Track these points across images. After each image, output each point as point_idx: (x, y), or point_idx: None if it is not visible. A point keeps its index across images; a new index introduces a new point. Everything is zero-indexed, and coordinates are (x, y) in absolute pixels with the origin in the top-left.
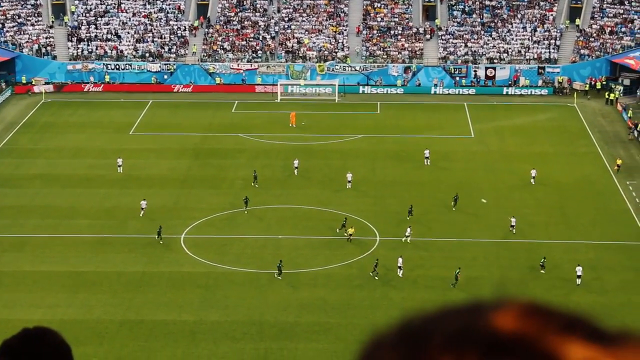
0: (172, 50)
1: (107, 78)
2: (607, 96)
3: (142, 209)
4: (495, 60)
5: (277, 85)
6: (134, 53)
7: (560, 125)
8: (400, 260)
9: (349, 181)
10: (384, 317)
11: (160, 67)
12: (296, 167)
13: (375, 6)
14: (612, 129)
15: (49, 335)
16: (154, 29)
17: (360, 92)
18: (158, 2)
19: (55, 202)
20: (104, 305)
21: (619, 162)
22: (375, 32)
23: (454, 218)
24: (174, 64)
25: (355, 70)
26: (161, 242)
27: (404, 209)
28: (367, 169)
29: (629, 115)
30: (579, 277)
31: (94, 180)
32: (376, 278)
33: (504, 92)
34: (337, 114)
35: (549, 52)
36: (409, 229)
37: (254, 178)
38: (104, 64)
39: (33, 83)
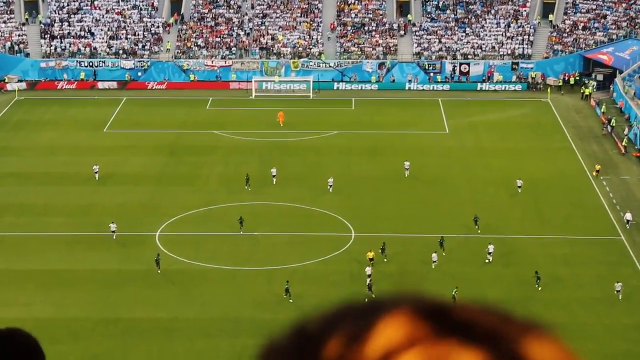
0: (145, 47)
1: (82, 75)
2: (581, 91)
3: (113, 231)
4: (470, 56)
5: (251, 81)
6: (108, 50)
7: (534, 121)
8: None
9: (330, 186)
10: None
11: (134, 64)
12: (274, 176)
13: (349, 2)
14: (585, 124)
15: (19, 336)
16: (128, 26)
17: (335, 88)
18: None
19: (29, 200)
20: (79, 304)
21: (597, 167)
22: (349, 28)
23: (428, 214)
24: (148, 61)
25: (330, 66)
26: (159, 272)
27: (379, 205)
28: (342, 165)
29: (602, 110)
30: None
31: (68, 178)
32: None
33: (478, 88)
34: (312, 110)
35: (523, 47)
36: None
37: (246, 181)
38: (77, 61)
39: (6, 81)
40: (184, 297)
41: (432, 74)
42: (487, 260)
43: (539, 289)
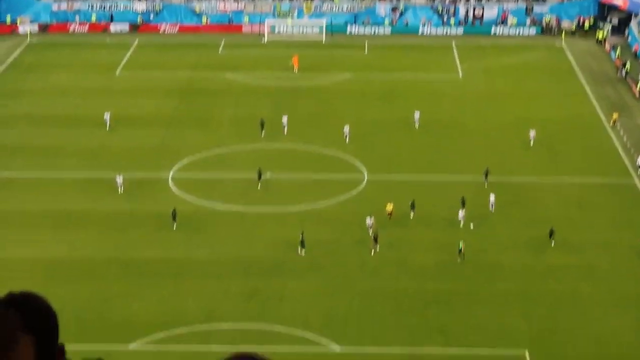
0: None
1: (94, 18)
2: (596, 35)
3: (120, 185)
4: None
5: (264, 24)
6: None
7: (548, 65)
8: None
9: (347, 135)
10: (373, 255)
11: (146, 6)
12: (284, 125)
13: None
14: (599, 68)
15: (33, 299)
16: None
17: (348, 31)
18: None
19: (42, 142)
20: (92, 244)
21: (615, 116)
22: None
23: (442, 157)
24: (160, 4)
25: (343, 9)
26: (174, 228)
27: (392, 149)
28: (355, 109)
29: (617, 54)
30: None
31: (81, 120)
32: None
33: (492, 32)
34: (325, 53)
35: None
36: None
37: (261, 127)
38: (89, 4)
39: (18, 23)
40: (195, 238)
41: (445, 18)
42: (490, 209)
43: (552, 244)
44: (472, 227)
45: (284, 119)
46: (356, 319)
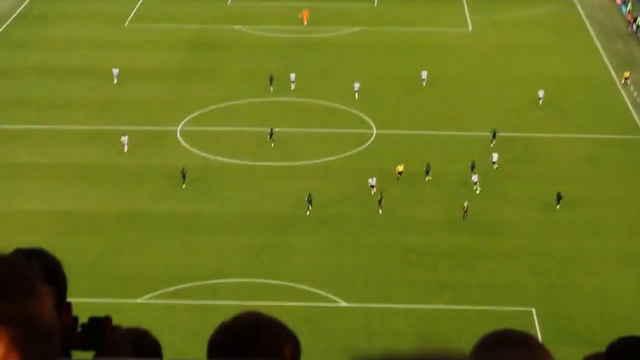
0: None
1: None
2: None
3: (125, 144)
4: None
5: None
6: None
7: (559, 19)
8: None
9: (357, 91)
10: (381, 210)
11: None
12: (293, 82)
13: None
14: (611, 22)
15: (45, 254)
16: None
17: None
18: None
19: (51, 94)
20: (100, 197)
21: (626, 75)
22: None
23: (451, 111)
24: None
25: None
26: (184, 186)
27: (401, 103)
28: (364, 63)
29: (628, 9)
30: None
31: (89, 72)
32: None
33: None
34: (334, 5)
35: None
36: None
37: (270, 81)
38: None
39: None
40: (204, 192)
41: None
42: (494, 167)
43: (557, 207)
44: (478, 191)
45: (292, 76)
46: (364, 274)
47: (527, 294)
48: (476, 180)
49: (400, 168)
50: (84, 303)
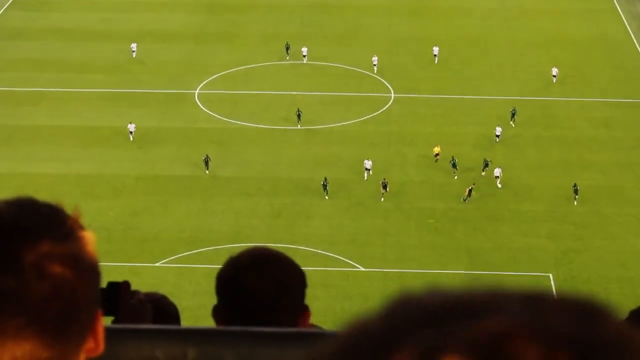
0: None
1: None
2: None
3: (131, 132)
4: None
5: None
6: None
7: None
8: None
9: (375, 64)
10: (399, 174)
11: None
12: (304, 55)
13: None
14: None
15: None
16: None
17: None
18: None
19: (69, 56)
20: (119, 160)
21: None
22: None
23: (469, 74)
24: None
25: None
26: (207, 172)
27: (419, 66)
28: (383, 26)
29: None
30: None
31: (108, 34)
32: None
33: None
34: None
35: None
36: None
37: (286, 50)
38: None
39: None
40: (222, 155)
41: None
42: (496, 140)
43: (575, 202)
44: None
45: (304, 50)
46: (380, 239)
47: (545, 258)
48: (498, 174)
49: (437, 149)
50: (103, 267)
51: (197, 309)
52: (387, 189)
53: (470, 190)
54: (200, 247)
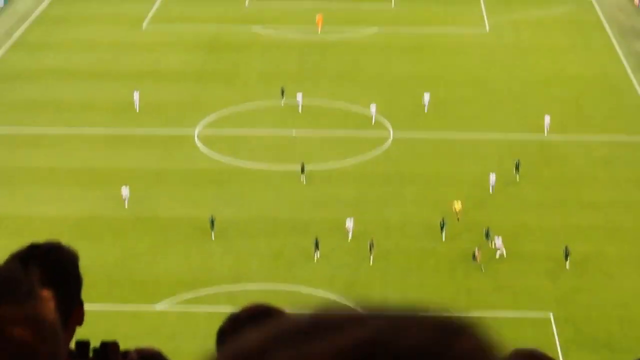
0: None
1: None
2: None
3: (124, 198)
4: None
5: None
6: None
7: (577, 19)
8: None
9: (373, 116)
10: (398, 213)
11: None
12: (299, 103)
13: None
14: (629, 22)
15: (54, 251)
16: None
17: None
18: None
19: (69, 97)
20: (118, 201)
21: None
22: None
23: (468, 113)
24: None
25: None
26: (212, 238)
27: (417, 105)
28: (381, 64)
29: None
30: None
31: (108, 74)
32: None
33: None
34: (351, 6)
35: None
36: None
37: (281, 94)
38: None
39: None
40: (222, 196)
41: None
42: (490, 191)
43: (567, 265)
44: (504, 254)
45: (299, 96)
46: (380, 279)
47: (545, 298)
48: (500, 245)
49: (458, 206)
50: (103, 311)
51: (197, 352)
52: (372, 251)
53: (475, 255)
54: (200, 289)
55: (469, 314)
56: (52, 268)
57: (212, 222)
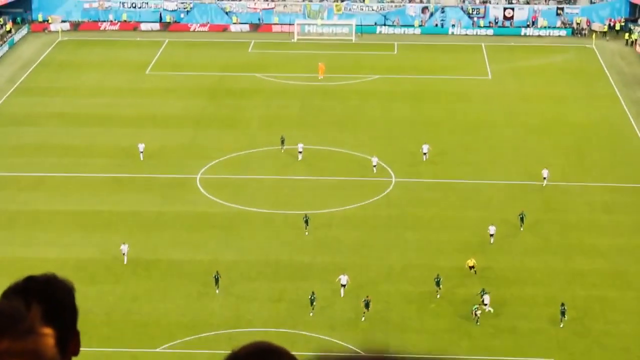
0: None
1: (124, 17)
2: (626, 37)
3: (124, 254)
4: (514, 1)
5: (294, 24)
6: None
7: (578, 67)
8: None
9: (374, 165)
10: (399, 258)
11: (176, 5)
12: (300, 152)
13: None
14: (630, 70)
15: (54, 286)
16: None
17: (378, 32)
18: None
19: (72, 141)
20: (120, 245)
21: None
22: None
23: (471, 159)
24: (191, 3)
25: (373, 10)
26: (217, 292)
27: (420, 151)
28: (384, 110)
29: None
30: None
31: (111, 119)
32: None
33: (522, 33)
34: (354, 54)
35: None
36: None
37: (281, 143)
38: (120, 2)
39: (49, 21)
40: (223, 240)
41: (475, 19)
42: (490, 241)
43: (562, 324)
44: (491, 310)
45: (300, 146)
46: (382, 322)
47: (547, 344)
48: (487, 302)
49: (472, 262)
50: (103, 353)
51: None
52: (369, 309)
53: (476, 313)
54: (201, 332)
55: None
56: (51, 301)
57: (217, 279)
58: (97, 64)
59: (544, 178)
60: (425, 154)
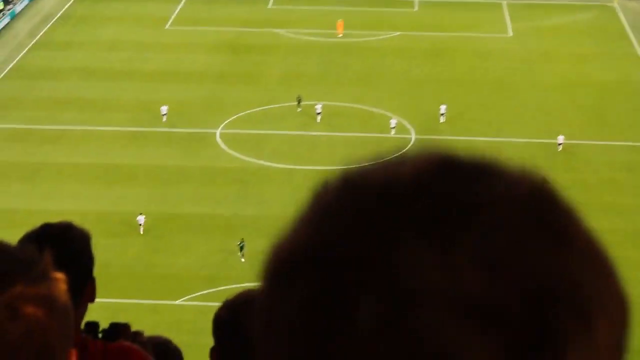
0: None
1: None
2: None
3: (140, 224)
4: None
5: None
6: None
7: (600, 26)
8: None
9: (392, 127)
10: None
11: None
12: (318, 113)
13: None
14: None
15: (69, 233)
16: None
17: None
18: None
19: (91, 95)
20: (140, 198)
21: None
22: None
23: (490, 117)
24: None
25: None
26: (242, 260)
27: (439, 108)
28: (403, 67)
29: None
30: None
31: (130, 74)
32: None
33: None
34: (374, 10)
35: None
36: None
37: (297, 102)
38: None
39: None
40: (243, 195)
41: None
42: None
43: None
44: None
45: (318, 107)
46: None
47: None
48: None
49: None
50: (122, 304)
51: None
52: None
53: None
54: (220, 286)
55: None
56: (65, 246)
57: (242, 247)
58: (117, 19)
59: (559, 144)
60: (442, 114)
